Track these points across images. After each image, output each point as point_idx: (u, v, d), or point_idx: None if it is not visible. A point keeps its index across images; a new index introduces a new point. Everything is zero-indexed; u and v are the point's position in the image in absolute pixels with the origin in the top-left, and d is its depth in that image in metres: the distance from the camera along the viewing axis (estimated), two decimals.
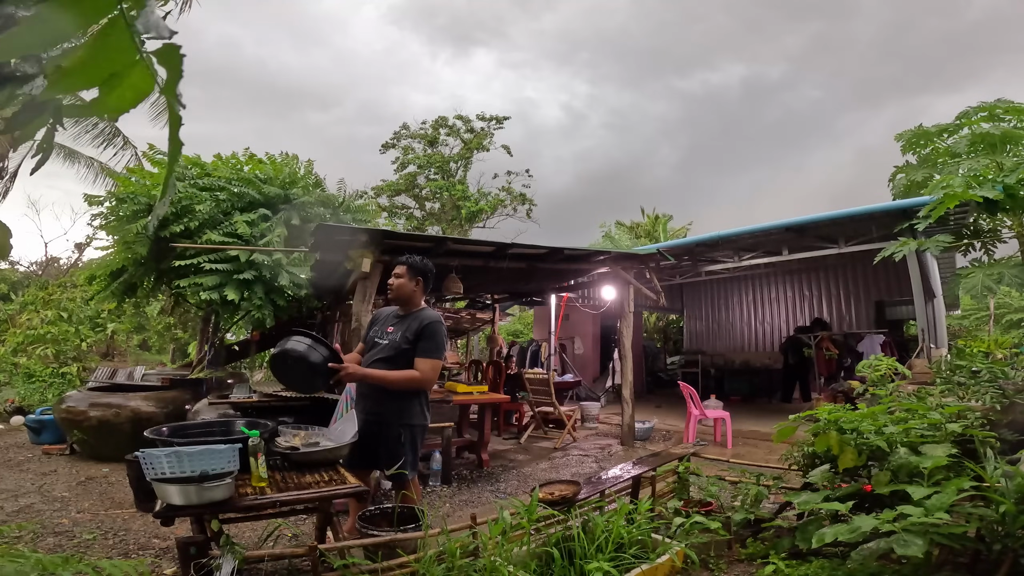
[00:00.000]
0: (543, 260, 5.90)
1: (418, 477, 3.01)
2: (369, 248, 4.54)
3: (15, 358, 9.34)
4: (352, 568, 2.31)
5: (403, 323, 2.81)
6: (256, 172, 7.11)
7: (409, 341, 2.74)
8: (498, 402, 6.32)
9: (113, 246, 7.02)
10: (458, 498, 4.44)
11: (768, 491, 3.32)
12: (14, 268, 18.09)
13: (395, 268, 2.87)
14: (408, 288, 2.83)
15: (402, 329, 2.78)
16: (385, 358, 2.76)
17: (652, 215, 20.06)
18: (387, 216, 18.69)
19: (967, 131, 4.53)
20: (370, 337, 2.91)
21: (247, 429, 2.35)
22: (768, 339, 12.86)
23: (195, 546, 2.13)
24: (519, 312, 20.07)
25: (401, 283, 2.83)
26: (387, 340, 2.79)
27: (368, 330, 3.00)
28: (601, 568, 2.32)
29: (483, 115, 19.40)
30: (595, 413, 8.59)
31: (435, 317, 2.84)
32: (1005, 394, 3.04)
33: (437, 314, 2.93)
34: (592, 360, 12.40)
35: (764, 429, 6.88)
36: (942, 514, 1.98)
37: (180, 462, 1.96)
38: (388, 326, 2.85)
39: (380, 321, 2.94)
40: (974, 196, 3.50)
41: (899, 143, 5.30)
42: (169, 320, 12.44)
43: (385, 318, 2.93)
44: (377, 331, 2.88)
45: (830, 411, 2.81)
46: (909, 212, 6.13)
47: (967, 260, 4.97)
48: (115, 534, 3.39)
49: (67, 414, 5.47)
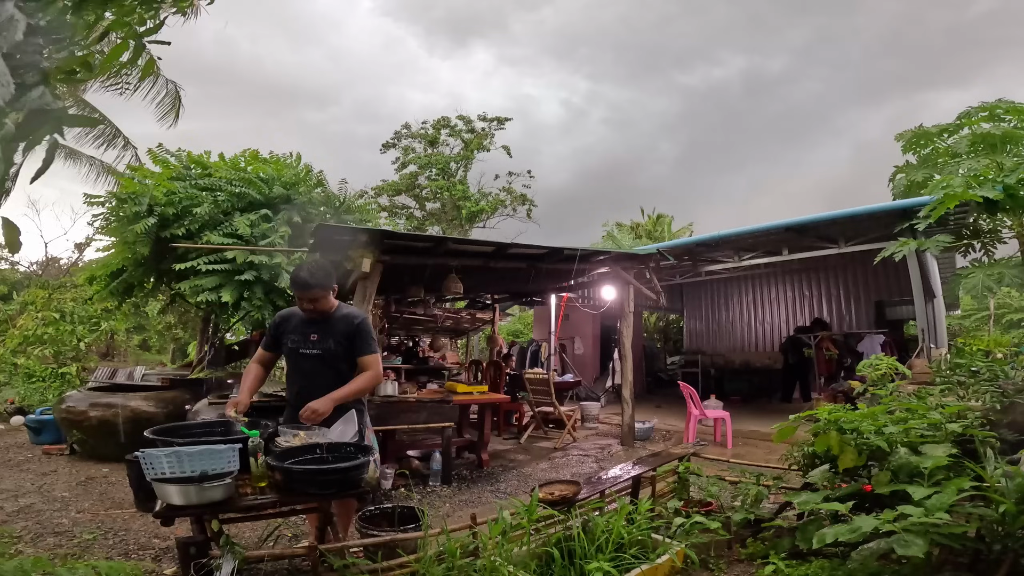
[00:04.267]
0: (543, 260, 5.90)
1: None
2: (369, 248, 4.54)
3: (15, 358, 9.34)
4: (352, 568, 2.31)
5: (325, 327, 2.71)
6: (259, 172, 7.11)
7: (342, 344, 2.68)
8: (498, 402, 6.32)
9: (113, 246, 7.02)
10: (458, 498, 4.44)
11: (768, 491, 3.32)
12: (14, 268, 18.09)
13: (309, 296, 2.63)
14: (328, 302, 2.71)
15: (330, 334, 2.69)
16: (324, 368, 2.68)
17: (653, 215, 20.07)
18: (387, 216, 18.68)
19: (967, 131, 4.52)
20: (288, 348, 2.74)
21: (247, 429, 2.35)
22: (768, 339, 12.86)
23: (195, 546, 2.13)
24: (519, 312, 20.07)
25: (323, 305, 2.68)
26: (317, 349, 2.69)
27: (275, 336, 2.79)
28: (601, 568, 2.32)
29: (484, 115, 19.42)
30: (595, 413, 8.60)
31: (359, 314, 2.81)
32: (1005, 394, 3.04)
33: (357, 310, 2.90)
34: (592, 360, 12.40)
35: (764, 429, 6.88)
36: (942, 514, 1.98)
37: (180, 462, 1.96)
38: (309, 334, 2.71)
39: (292, 329, 2.75)
40: (974, 196, 3.49)
41: (899, 143, 5.30)
42: (169, 320, 12.44)
43: (297, 326, 2.75)
44: (296, 340, 2.72)
45: (830, 411, 2.81)
46: (909, 212, 6.12)
47: (967, 261, 4.96)
48: (115, 534, 3.39)
49: (67, 414, 5.47)
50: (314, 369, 2.70)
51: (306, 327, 2.74)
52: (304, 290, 2.63)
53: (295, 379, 2.76)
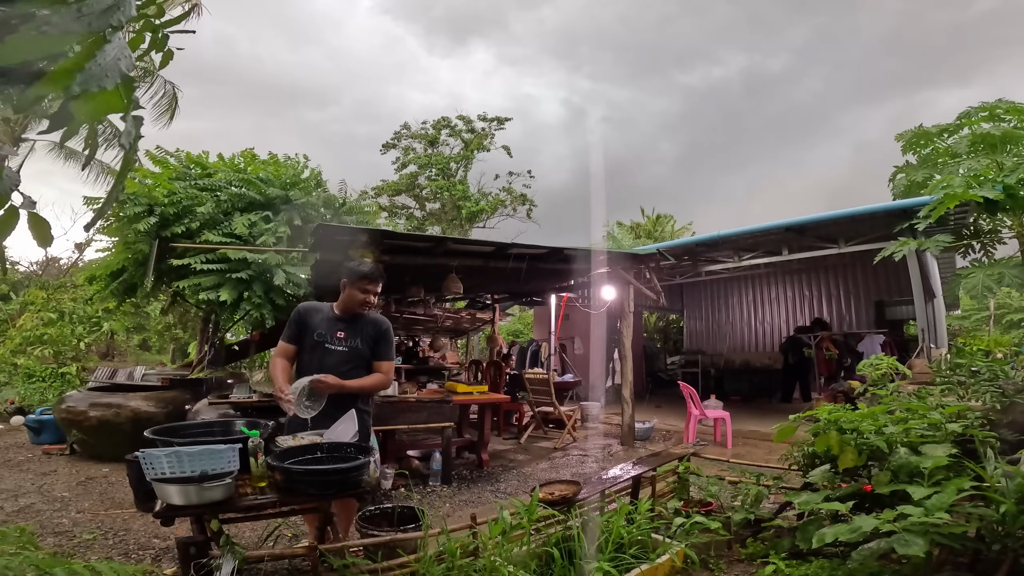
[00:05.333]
0: (543, 260, 5.90)
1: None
2: (369, 248, 4.54)
3: (15, 358, 9.34)
4: (352, 568, 2.31)
5: (353, 327, 2.77)
6: (258, 173, 7.11)
7: (368, 345, 2.77)
8: (498, 402, 6.32)
9: (113, 246, 7.03)
10: (458, 498, 4.44)
11: (768, 491, 3.32)
12: (14, 268, 18.07)
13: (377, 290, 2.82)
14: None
15: (358, 335, 2.76)
16: (350, 367, 2.73)
17: (653, 216, 20.07)
18: (387, 216, 18.67)
19: (967, 131, 4.52)
20: (314, 340, 2.77)
21: (247, 429, 2.35)
22: (768, 339, 12.86)
23: (195, 546, 2.13)
24: (519, 312, 20.07)
25: (374, 301, 2.83)
26: (344, 347, 2.74)
27: (300, 329, 2.80)
28: (601, 568, 2.32)
29: (484, 115, 19.42)
30: (595, 413, 8.59)
31: (386, 320, 2.90)
32: (1005, 394, 3.04)
33: (383, 317, 2.97)
34: (592, 360, 12.39)
35: (764, 429, 6.88)
36: (942, 514, 1.98)
37: (180, 462, 1.96)
38: (336, 331, 2.76)
39: (319, 323, 2.78)
40: (974, 196, 3.49)
41: (899, 143, 5.30)
42: (169, 320, 12.43)
43: (324, 320, 2.79)
44: (323, 334, 2.76)
45: (830, 411, 2.81)
46: (909, 212, 6.12)
47: (967, 261, 4.96)
48: (115, 534, 3.39)
49: (67, 414, 5.47)
50: (337, 365, 2.72)
51: (335, 323, 2.79)
52: (376, 282, 2.79)
53: (313, 372, 2.71)
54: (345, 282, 2.79)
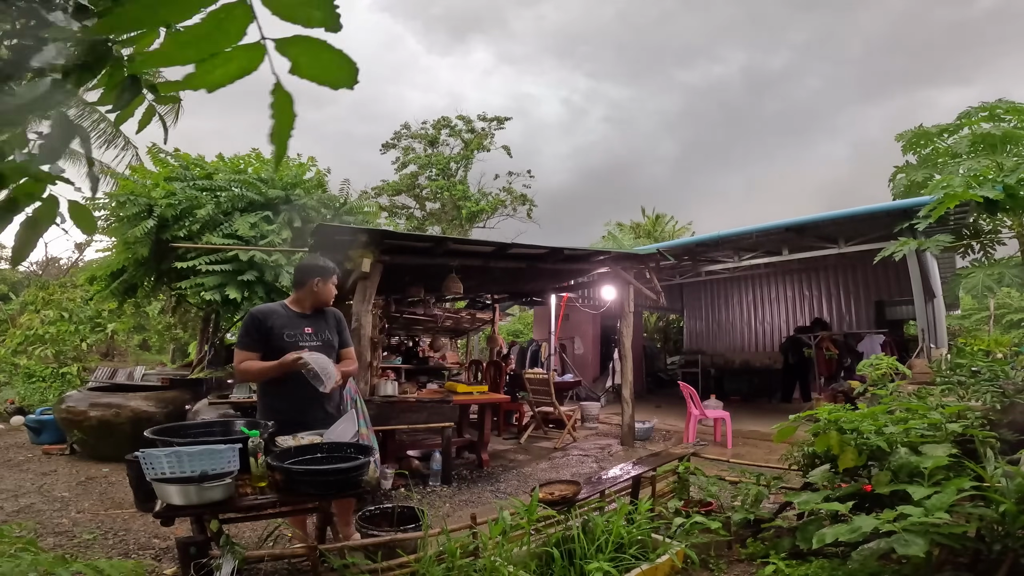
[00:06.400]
0: (543, 260, 5.90)
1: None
2: (369, 248, 4.54)
3: (15, 358, 9.34)
4: (352, 568, 2.32)
5: (318, 322, 2.83)
6: (258, 173, 7.12)
7: (335, 335, 2.88)
8: (498, 402, 6.32)
9: (113, 246, 7.03)
10: (458, 498, 4.44)
11: (768, 491, 3.31)
12: (14, 268, 18.07)
13: (333, 281, 2.89)
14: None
15: (324, 328, 2.84)
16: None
17: (653, 215, 20.07)
18: (387, 216, 18.67)
19: (967, 131, 4.53)
20: (284, 342, 2.66)
21: (247, 429, 2.35)
22: (768, 339, 12.85)
23: (195, 546, 2.13)
24: (519, 312, 20.06)
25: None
26: (318, 341, 2.76)
27: (263, 333, 2.68)
28: (601, 568, 2.32)
29: (484, 115, 19.42)
30: (595, 413, 8.59)
31: (336, 309, 3.00)
32: (1005, 394, 3.04)
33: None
34: (592, 360, 12.40)
35: (764, 429, 6.88)
36: (942, 514, 1.98)
37: (180, 462, 1.96)
38: (303, 328, 2.75)
39: (282, 324, 2.71)
40: (974, 196, 3.50)
41: (900, 142, 5.31)
42: (169, 320, 12.43)
43: (286, 320, 2.74)
44: (292, 334, 2.71)
45: (830, 411, 2.81)
46: (909, 212, 6.13)
47: (967, 261, 4.97)
48: (115, 534, 3.39)
49: (67, 414, 5.47)
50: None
51: (299, 321, 2.78)
52: (336, 276, 2.89)
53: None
54: (318, 280, 2.81)
